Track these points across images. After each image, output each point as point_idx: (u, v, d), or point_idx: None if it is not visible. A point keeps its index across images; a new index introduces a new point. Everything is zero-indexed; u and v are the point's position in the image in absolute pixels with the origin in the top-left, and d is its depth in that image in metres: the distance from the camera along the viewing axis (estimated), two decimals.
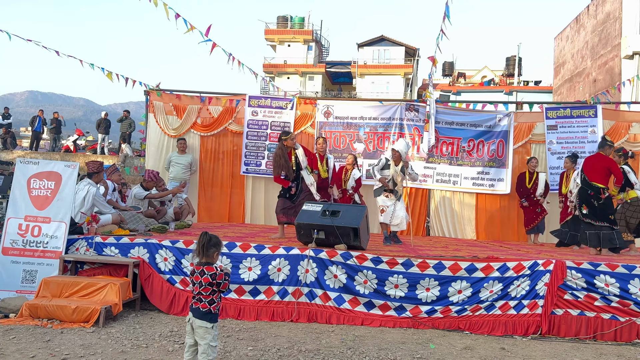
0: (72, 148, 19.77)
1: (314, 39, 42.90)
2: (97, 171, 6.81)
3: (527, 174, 9.13)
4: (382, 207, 7.54)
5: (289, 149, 7.46)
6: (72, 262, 5.84)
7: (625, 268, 5.35)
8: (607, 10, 22.90)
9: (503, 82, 37.18)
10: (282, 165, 7.37)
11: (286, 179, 7.46)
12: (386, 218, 7.47)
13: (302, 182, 7.52)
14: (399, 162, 7.48)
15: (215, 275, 3.57)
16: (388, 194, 7.50)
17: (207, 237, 3.67)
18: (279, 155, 7.40)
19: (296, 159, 7.45)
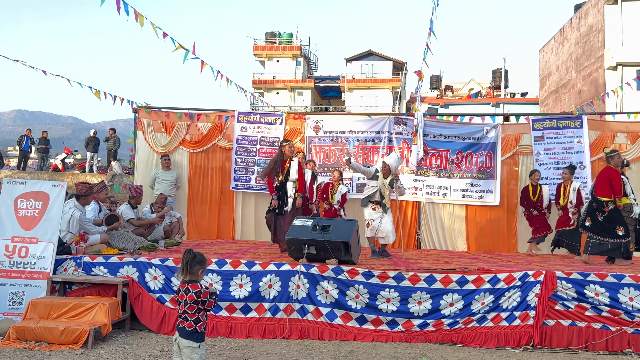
0: (61, 167, 19.64)
1: (302, 55, 43.18)
2: (86, 194, 6.73)
3: (531, 187, 9.07)
4: (367, 220, 7.52)
5: (286, 157, 7.58)
6: (60, 283, 5.77)
7: (615, 277, 5.38)
8: (590, 23, 23.30)
9: (490, 94, 37.57)
10: (273, 168, 7.55)
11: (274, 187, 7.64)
12: (372, 232, 7.45)
13: (286, 195, 7.61)
14: (388, 175, 7.49)
15: (200, 293, 3.53)
16: (375, 206, 7.47)
17: (190, 255, 3.64)
18: (275, 159, 7.63)
19: (288, 170, 7.56)
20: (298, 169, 7.64)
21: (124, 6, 7.40)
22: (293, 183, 7.58)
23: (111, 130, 18.74)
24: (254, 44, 43.35)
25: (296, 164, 7.62)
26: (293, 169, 7.56)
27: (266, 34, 43.70)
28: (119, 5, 7.29)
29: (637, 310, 5.25)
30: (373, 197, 7.49)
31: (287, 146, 7.60)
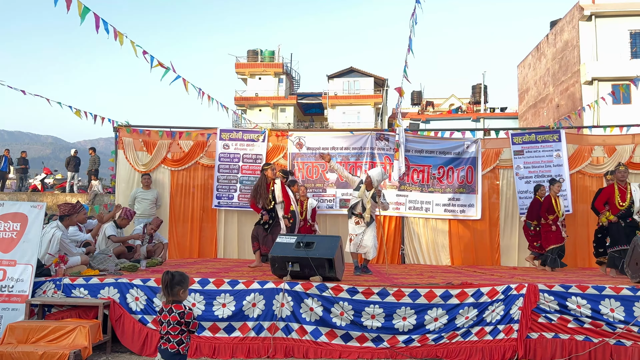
0: (40, 187, 19.37)
1: (284, 72, 43.41)
2: (69, 214, 6.64)
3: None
4: (350, 235, 7.43)
5: (270, 180, 7.68)
6: (39, 306, 5.65)
7: (595, 289, 5.44)
8: (566, 39, 23.86)
9: (470, 109, 38.10)
10: (259, 194, 7.65)
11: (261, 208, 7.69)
12: (354, 247, 7.35)
13: (277, 218, 7.79)
14: (370, 187, 7.40)
15: (183, 314, 3.49)
16: (358, 219, 7.37)
17: (168, 276, 3.60)
18: (258, 184, 7.72)
19: (273, 192, 7.67)
20: (282, 190, 7.69)
21: (104, 25, 7.38)
22: (281, 204, 7.70)
23: (91, 149, 18.59)
24: (236, 62, 43.50)
25: (279, 186, 7.71)
26: (277, 192, 7.67)
27: (248, 51, 43.89)
28: (97, 24, 7.26)
29: (619, 322, 5.29)
30: (355, 208, 7.44)
31: (269, 169, 7.72)
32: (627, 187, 7.52)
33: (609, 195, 7.62)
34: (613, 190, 7.58)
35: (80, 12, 6.87)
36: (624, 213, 7.41)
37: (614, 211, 7.50)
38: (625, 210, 7.40)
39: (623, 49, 21.94)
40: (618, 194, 7.49)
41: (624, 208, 7.40)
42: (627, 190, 7.48)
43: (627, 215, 7.42)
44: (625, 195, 7.45)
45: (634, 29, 22.01)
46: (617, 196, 7.48)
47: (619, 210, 7.44)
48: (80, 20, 6.92)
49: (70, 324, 5.27)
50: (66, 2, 6.58)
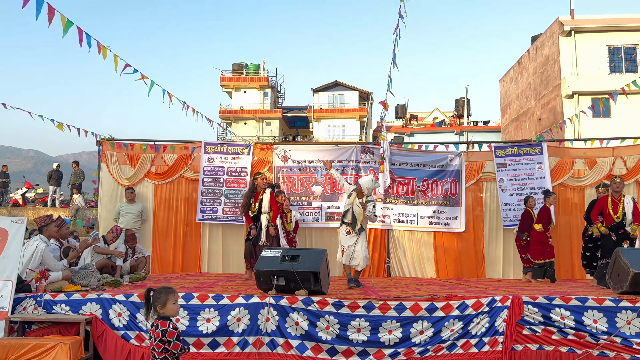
0: (21, 202, 19.07)
1: (269, 85, 43.50)
2: (46, 224, 6.57)
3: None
4: (342, 247, 7.40)
5: (260, 189, 7.89)
6: (19, 323, 5.54)
7: (579, 300, 5.48)
8: (546, 54, 24.29)
9: (454, 122, 38.48)
10: (246, 201, 7.90)
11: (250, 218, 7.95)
12: (346, 259, 7.33)
13: (260, 227, 7.87)
14: (361, 196, 7.35)
15: (165, 332, 3.42)
16: (349, 229, 7.33)
17: (147, 293, 3.55)
18: (247, 191, 8.05)
19: (261, 202, 7.84)
20: (270, 200, 7.77)
21: (87, 38, 7.35)
22: (267, 214, 7.82)
23: (74, 163, 18.40)
24: (221, 75, 43.50)
25: (268, 195, 7.86)
26: (265, 201, 7.82)
27: (233, 65, 43.94)
28: (81, 37, 7.23)
29: (602, 333, 5.34)
30: (346, 216, 7.40)
31: (260, 178, 7.91)
32: (620, 199, 7.64)
33: (602, 206, 7.73)
34: (607, 202, 7.69)
35: (64, 26, 6.84)
36: (617, 225, 7.53)
37: (607, 222, 7.61)
38: (618, 222, 7.52)
39: (602, 63, 22.40)
40: (611, 205, 7.60)
41: (618, 220, 7.51)
42: (620, 202, 7.61)
43: (620, 227, 7.53)
44: (618, 207, 7.57)
45: (613, 44, 22.51)
46: (611, 207, 7.59)
47: (612, 221, 7.55)
48: (63, 33, 6.89)
49: (51, 341, 5.17)
50: (48, 15, 6.54)
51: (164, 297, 3.57)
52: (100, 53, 7.59)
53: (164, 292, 3.59)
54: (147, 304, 3.53)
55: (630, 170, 10.01)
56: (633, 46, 22.44)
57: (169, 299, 3.61)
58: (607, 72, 22.34)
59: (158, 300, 3.54)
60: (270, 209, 7.89)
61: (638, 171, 10.00)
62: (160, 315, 3.49)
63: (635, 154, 10.13)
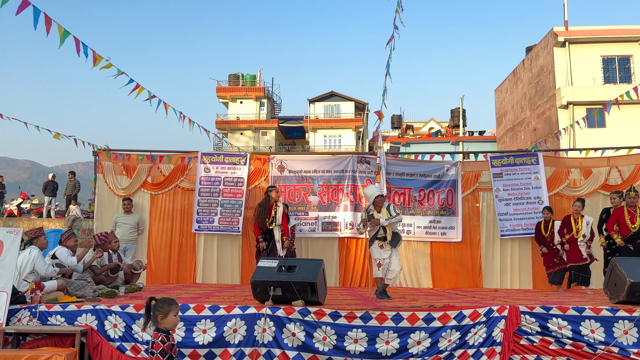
0: (16, 212, 18.98)
1: (265, 96, 43.63)
2: (36, 236, 6.58)
3: (544, 222, 9.17)
4: (378, 260, 7.27)
5: (272, 202, 8.02)
6: (14, 334, 5.49)
7: (576, 310, 5.48)
8: (541, 64, 24.46)
9: (449, 133, 38.60)
10: (260, 213, 7.99)
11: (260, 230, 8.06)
12: (383, 272, 7.22)
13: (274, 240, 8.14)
14: (380, 207, 7.29)
15: (153, 344, 3.41)
16: (382, 243, 7.27)
17: (149, 302, 3.53)
18: (261, 204, 8.10)
19: (275, 214, 8.00)
20: (283, 214, 8.04)
21: (83, 48, 7.36)
22: (279, 227, 7.97)
23: (71, 173, 18.36)
24: (217, 86, 43.61)
25: (281, 209, 8.05)
26: (279, 214, 7.99)
27: (229, 75, 44.10)
28: (78, 47, 7.24)
29: (599, 343, 5.33)
30: (377, 234, 7.32)
31: (274, 191, 8.08)
32: (636, 210, 7.73)
33: (618, 217, 7.80)
34: (623, 213, 7.78)
35: (61, 36, 6.85)
36: (634, 235, 7.61)
37: (623, 233, 7.67)
38: (635, 232, 7.61)
39: (596, 74, 22.56)
40: (628, 216, 7.70)
41: (634, 230, 7.60)
42: (636, 213, 7.71)
43: (637, 237, 7.61)
44: (635, 218, 7.68)
45: (607, 55, 22.69)
46: (627, 218, 7.68)
47: (629, 232, 7.63)
48: (59, 43, 6.90)
49: (46, 353, 5.12)
50: (45, 26, 6.55)
51: (167, 307, 3.56)
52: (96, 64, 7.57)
53: (167, 302, 3.58)
54: (147, 313, 3.49)
55: (625, 180, 10.05)
56: (627, 57, 22.63)
57: (171, 310, 3.60)
58: (602, 83, 22.51)
59: (160, 310, 3.52)
60: (282, 222, 8.11)
61: (633, 181, 10.03)
62: (158, 326, 3.47)
63: (630, 164, 10.18)
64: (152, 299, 3.59)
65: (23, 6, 6.18)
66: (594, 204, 10.04)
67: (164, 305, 3.55)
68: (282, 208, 8.00)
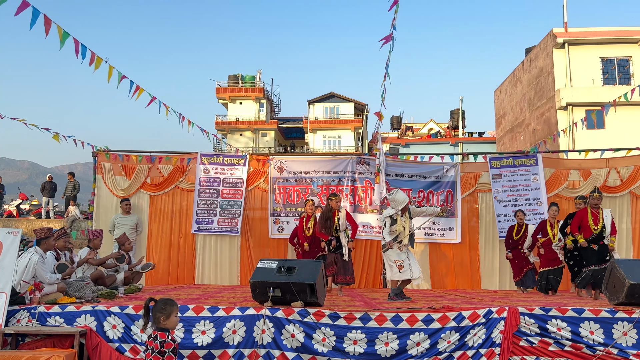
0: (15, 213, 18.96)
1: (265, 97, 43.62)
2: (45, 237, 6.51)
3: (517, 226, 9.16)
4: (398, 262, 7.28)
5: (334, 210, 8.16)
6: (13, 335, 5.48)
7: (575, 311, 5.48)
8: (540, 66, 24.47)
9: (449, 134, 38.63)
10: (324, 223, 8.12)
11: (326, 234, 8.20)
12: (407, 274, 7.23)
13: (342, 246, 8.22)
14: (405, 210, 7.39)
15: (163, 343, 3.41)
16: (399, 245, 7.30)
17: (147, 303, 3.54)
18: (324, 213, 8.22)
19: (338, 220, 8.16)
20: (348, 218, 8.26)
21: (82, 50, 7.36)
22: (344, 233, 8.15)
23: (70, 174, 18.34)
24: (217, 87, 43.61)
25: (344, 215, 8.22)
26: (342, 220, 8.16)
27: (229, 76, 44.09)
28: (77, 49, 7.24)
29: (598, 344, 5.33)
30: (399, 237, 7.33)
31: (334, 200, 8.19)
32: (599, 212, 7.74)
33: (582, 218, 7.82)
34: (586, 214, 7.78)
35: (61, 37, 6.85)
36: (596, 237, 7.62)
37: (586, 234, 7.69)
38: (597, 234, 7.62)
39: (596, 75, 22.58)
40: (591, 217, 7.71)
41: (596, 231, 7.61)
42: (599, 214, 7.72)
43: (599, 239, 7.63)
44: (598, 220, 7.68)
45: (606, 56, 22.70)
46: (591, 220, 7.68)
47: (592, 234, 7.64)
48: (60, 44, 6.90)
49: (45, 354, 5.12)
50: (45, 27, 6.55)
51: (169, 309, 3.59)
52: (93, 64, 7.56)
53: (169, 303, 3.61)
54: (146, 314, 3.51)
55: (624, 181, 10.07)
56: (626, 58, 22.64)
57: (172, 311, 3.63)
58: (601, 84, 22.52)
59: (162, 312, 3.55)
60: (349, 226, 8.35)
61: (632, 182, 10.05)
62: (159, 327, 3.47)
63: (629, 165, 10.19)
64: (151, 300, 3.59)
65: (22, 7, 6.18)
66: None
67: (166, 306, 3.58)
68: (344, 213, 8.23)
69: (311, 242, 8.60)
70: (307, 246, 8.55)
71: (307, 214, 8.88)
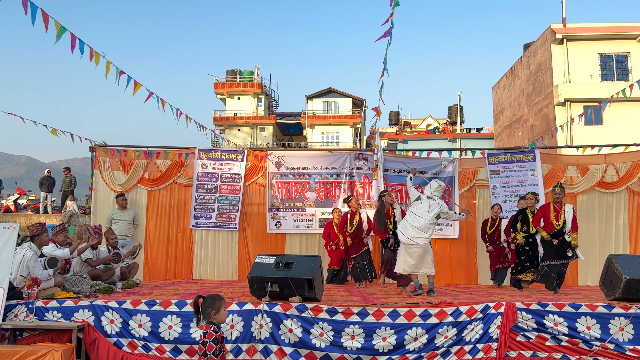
0: (13, 208, 18.93)
1: (263, 92, 43.53)
2: (38, 233, 6.48)
3: (490, 220, 9.21)
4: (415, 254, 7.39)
5: (388, 206, 8.10)
6: (10, 330, 5.49)
7: (572, 307, 5.50)
8: (539, 61, 24.46)
9: (447, 129, 38.60)
10: (380, 220, 8.06)
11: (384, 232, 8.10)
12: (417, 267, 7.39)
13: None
14: None
15: (205, 334, 3.72)
16: None
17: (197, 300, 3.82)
18: (378, 210, 8.15)
19: (394, 217, 8.11)
20: (402, 214, 8.09)
21: (80, 45, 7.32)
22: None
23: (66, 169, 18.31)
24: (215, 82, 43.49)
25: (399, 211, 8.19)
26: (397, 216, 8.11)
27: (227, 71, 43.94)
28: (73, 44, 7.20)
29: (595, 339, 5.35)
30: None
31: (387, 195, 8.20)
32: (561, 207, 7.80)
33: (544, 212, 7.89)
34: (549, 209, 7.85)
35: (58, 31, 6.82)
36: (557, 232, 7.68)
37: (547, 229, 7.75)
38: (558, 229, 7.67)
39: (594, 71, 22.58)
40: (554, 213, 7.77)
41: (558, 227, 7.66)
42: (561, 210, 7.77)
43: (560, 234, 7.68)
44: (560, 215, 7.73)
45: (604, 52, 22.70)
46: (553, 215, 7.74)
47: (553, 228, 7.70)
48: (56, 38, 6.86)
49: (43, 349, 5.12)
50: (44, 22, 6.53)
51: (218, 303, 3.85)
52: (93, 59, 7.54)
53: (217, 298, 3.87)
54: (198, 311, 3.84)
55: (621, 177, 10.09)
56: (624, 54, 22.64)
57: (222, 305, 3.90)
58: (599, 80, 22.52)
59: (212, 306, 3.83)
60: None
61: (629, 178, 10.07)
62: (210, 320, 3.78)
63: (626, 161, 10.21)
64: (199, 297, 3.90)
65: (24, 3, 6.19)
66: (591, 201, 10.08)
67: (215, 301, 3.83)
68: (399, 209, 8.20)
69: (354, 238, 8.76)
70: (350, 241, 8.79)
71: (351, 210, 9.02)
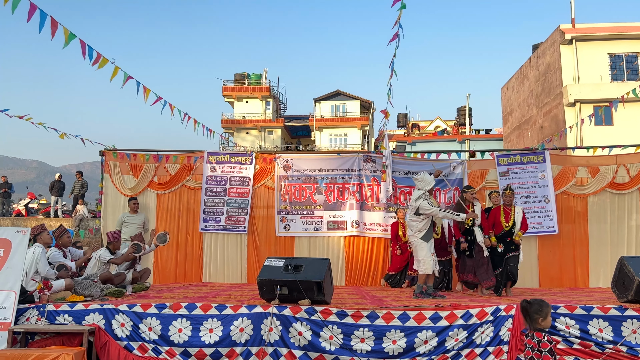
0: (24, 212, 19.10)
1: (271, 95, 43.65)
2: (39, 232, 6.65)
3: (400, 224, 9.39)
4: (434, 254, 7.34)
5: (468, 202, 7.98)
6: (22, 334, 5.53)
7: (584, 309, 5.46)
8: (548, 62, 24.32)
9: (455, 131, 38.46)
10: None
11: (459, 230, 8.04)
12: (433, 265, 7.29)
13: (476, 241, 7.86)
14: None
15: (540, 342, 3.65)
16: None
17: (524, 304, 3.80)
18: (456, 206, 8.05)
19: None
20: (481, 214, 7.97)
21: (89, 51, 7.37)
22: (480, 227, 7.88)
23: (78, 173, 18.45)
24: (223, 85, 43.66)
25: (479, 208, 8.02)
26: (478, 213, 7.91)
27: (235, 75, 44.11)
28: (84, 50, 7.26)
29: (607, 342, 5.31)
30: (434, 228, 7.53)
31: (469, 192, 8.08)
32: (512, 209, 7.94)
33: (495, 215, 7.98)
34: (499, 212, 7.95)
35: (67, 38, 6.88)
36: (506, 233, 7.80)
37: (497, 231, 7.84)
38: (507, 230, 7.80)
39: (604, 71, 22.40)
40: (503, 215, 7.91)
41: (507, 228, 7.80)
42: (511, 212, 7.92)
43: (508, 235, 7.81)
44: (510, 217, 7.88)
45: (614, 52, 22.52)
46: (503, 217, 7.87)
47: (502, 230, 7.81)
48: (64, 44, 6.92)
49: (54, 352, 5.16)
50: (51, 29, 6.59)
51: (546, 309, 3.78)
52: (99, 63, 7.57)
53: (544, 304, 3.80)
54: (527, 315, 3.80)
55: (633, 178, 9.98)
56: (634, 54, 22.45)
57: (549, 311, 3.81)
58: (609, 80, 22.34)
59: (540, 313, 3.76)
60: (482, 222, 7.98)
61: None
62: (536, 327, 3.73)
63: (638, 162, 10.10)
64: (526, 302, 3.85)
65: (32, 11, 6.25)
66: (602, 202, 9.99)
67: (543, 307, 3.76)
68: (479, 207, 8.09)
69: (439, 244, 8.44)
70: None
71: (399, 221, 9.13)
